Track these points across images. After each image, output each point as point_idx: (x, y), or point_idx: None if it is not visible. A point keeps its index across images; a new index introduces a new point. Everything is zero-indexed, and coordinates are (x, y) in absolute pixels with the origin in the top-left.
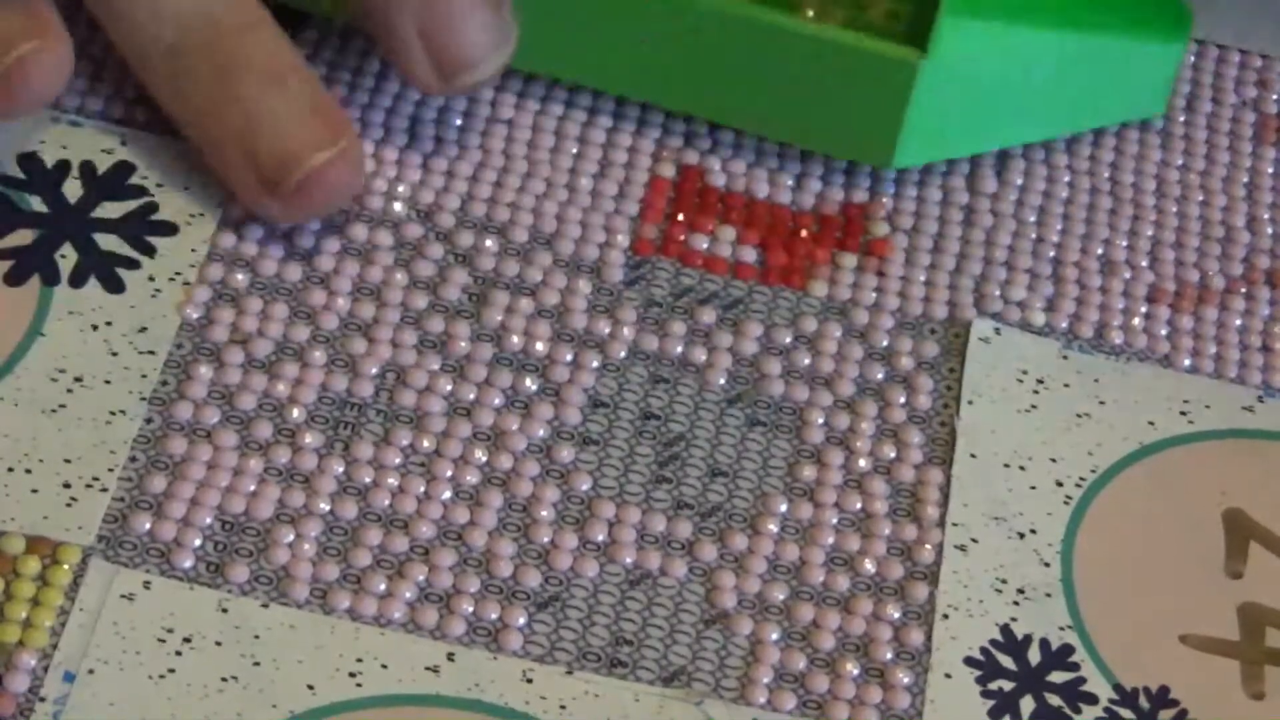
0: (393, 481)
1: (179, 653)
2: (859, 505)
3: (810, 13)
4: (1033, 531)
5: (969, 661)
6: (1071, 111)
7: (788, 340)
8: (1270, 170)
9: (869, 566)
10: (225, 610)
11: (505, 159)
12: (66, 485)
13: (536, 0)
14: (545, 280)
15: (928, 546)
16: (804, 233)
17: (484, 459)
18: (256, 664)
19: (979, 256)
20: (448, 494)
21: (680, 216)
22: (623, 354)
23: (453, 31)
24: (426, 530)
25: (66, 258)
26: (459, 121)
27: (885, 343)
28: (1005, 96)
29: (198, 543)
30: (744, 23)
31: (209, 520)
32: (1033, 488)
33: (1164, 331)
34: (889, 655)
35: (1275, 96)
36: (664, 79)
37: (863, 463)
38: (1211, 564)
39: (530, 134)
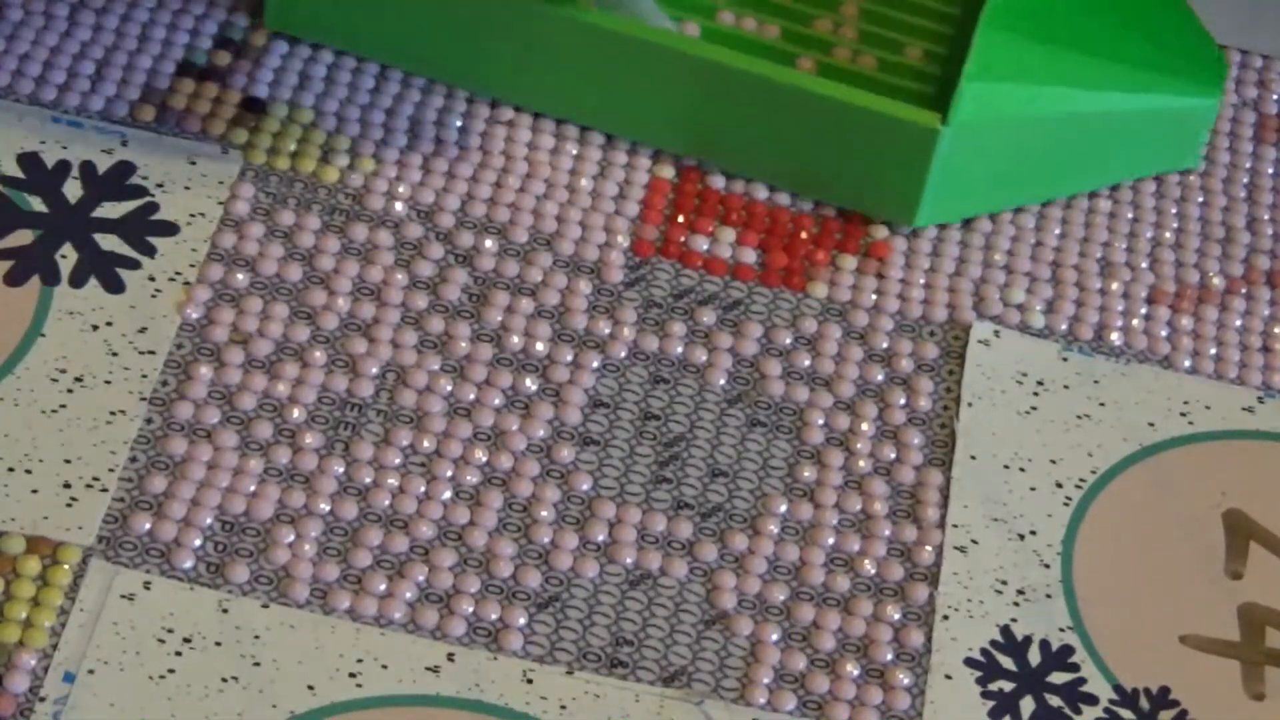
0: (393, 482)
1: (179, 653)
2: (859, 506)
3: (844, 53)
4: (1033, 533)
5: (969, 662)
6: (1101, 168)
7: (788, 341)
8: (1270, 170)
9: (869, 567)
10: (225, 610)
11: (505, 159)
12: (67, 485)
13: (585, 59)
14: (545, 280)
15: (928, 548)
16: (804, 234)
17: (484, 459)
18: (257, 664)
19: (978, 259)
20: (448, 494)
21: (680, 218)
22: (623, 354)
23: None
24: (427, 530)
25: (66, 258)
26: (459, 122)
27: (885, 344)
28: (1031, 157)
29: (198, 543)
30: (770, 84)
31: (209, 520)
32: (1033, 489)
33: (1164, 332)
34: (889, 656)
35: (1275, 96)
36: (693, 132)
37: (863, 464)
38: (1212, 564)
39: (530, 135)
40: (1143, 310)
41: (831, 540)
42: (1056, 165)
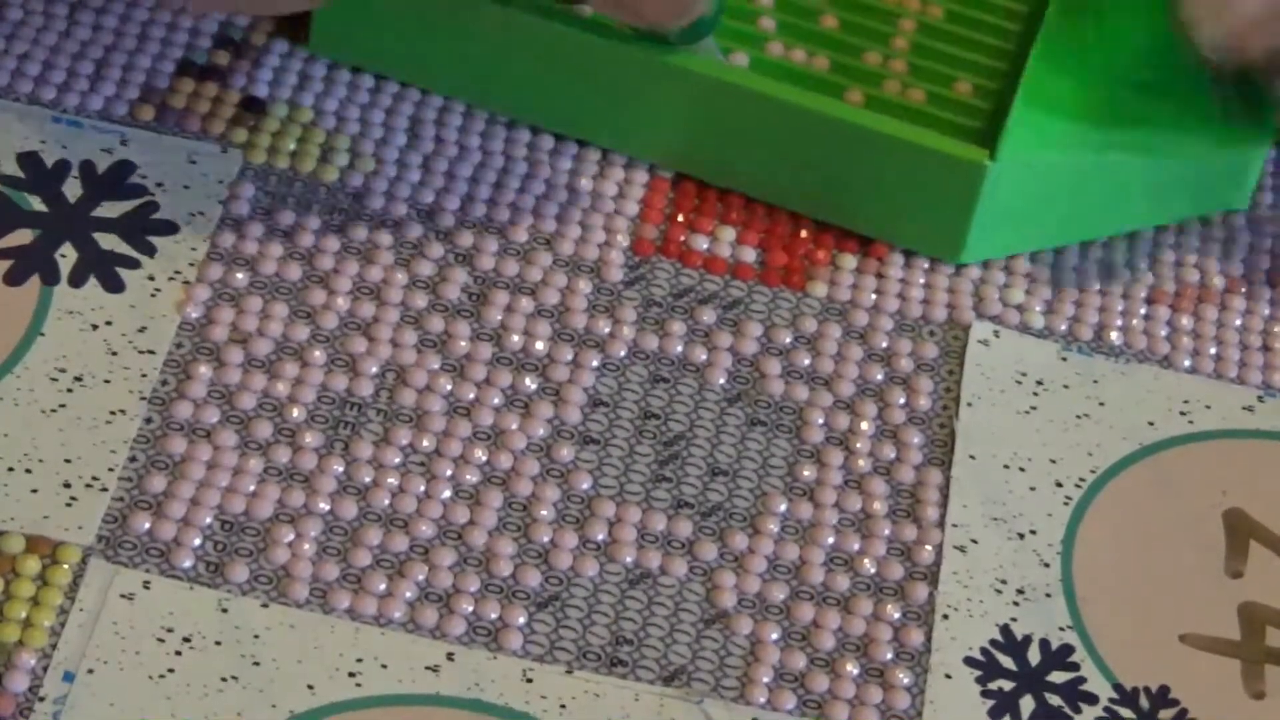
0: (393, 481)
1: (179, 652)
2: (859, 505)
3: (893, 86)
4: (1032, 532)
5: (969, 661)
6: (1149, 207)
7: (787, 340)
8: (1270, 170)
9: (869, 567)
10: (225, 610)
11: (506, 159)
12: (66, 485)
13: (626, 89)
14: (545, 280)
15: (927, 547)
16: (803, 233)
17: (484, 458)
18: (256, 664)
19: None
20: (448, 493)
21: (680, 217)
22: (623, 353)
23: None
24: (426, 530)
25: (66, 257)
26: (459, 122)
27: (885, 344)
28: (1079, 195)
29: (197, 542)
30: (813, 115)
31: (209, 520)
32: (1032, 488)
33: (1164, 332)
34: (889, 655)
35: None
36: (735, 162)
37: (862, 463)
38: (1212, 563)
39: (530, 135)
40: (1142, 310)
41: (831, 539)
42: (1104, 203)
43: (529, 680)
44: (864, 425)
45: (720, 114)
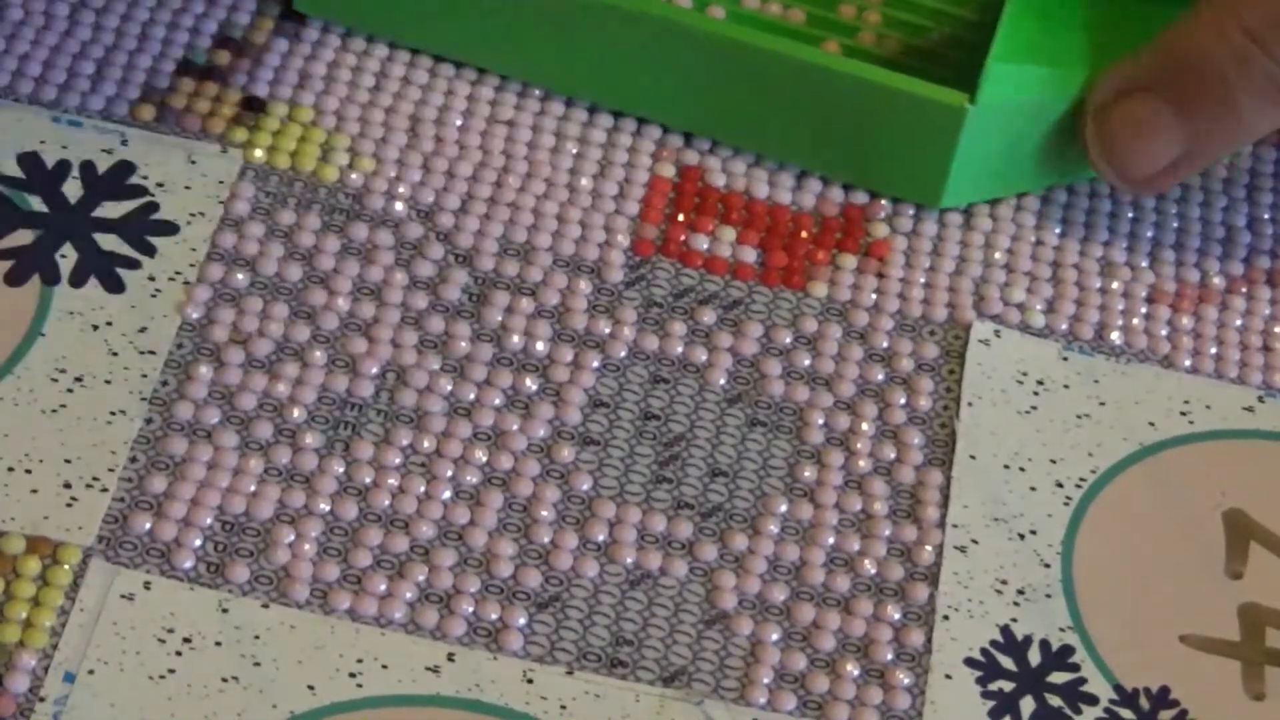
0: (393, 482)
1: (179, 653)
2: (859, 506)
3: (869, 37)
4: (1033, 532)
5: (969, 662)
6: None
7: (788, 341)
8: (1270, 170)
9: (869, 567)
10: (225, 610)
11: (506, 159)
12: (67, 485)
13: (606, 39)
14: (545, 280)
15: (928, 547)
16: (804, 234)
17: (484, 459)
18: (257, 664)
19: (978, 259)
20: (448, 494)
21: (680, 217)
22: (623, 354)
23: None
24: (427, 530)
25: (66, 258)
26: (459, 121)
27: (885, 344)
28: (1057, 139)
29: (198, 543)
30: (794, 62)
31: (209, 520)
32: (1033, 489)
33: (1164, 332)
34: (889, 656)
35: None
36: (715, 113)
37: (863, 463)
38: (1212, 564)
39: (530, 134)
40: (1143, 310)
41: (831, 540)
42: (1080, 149)
43: (529, 681)
44: (864, 426)
45: (697, 64)
